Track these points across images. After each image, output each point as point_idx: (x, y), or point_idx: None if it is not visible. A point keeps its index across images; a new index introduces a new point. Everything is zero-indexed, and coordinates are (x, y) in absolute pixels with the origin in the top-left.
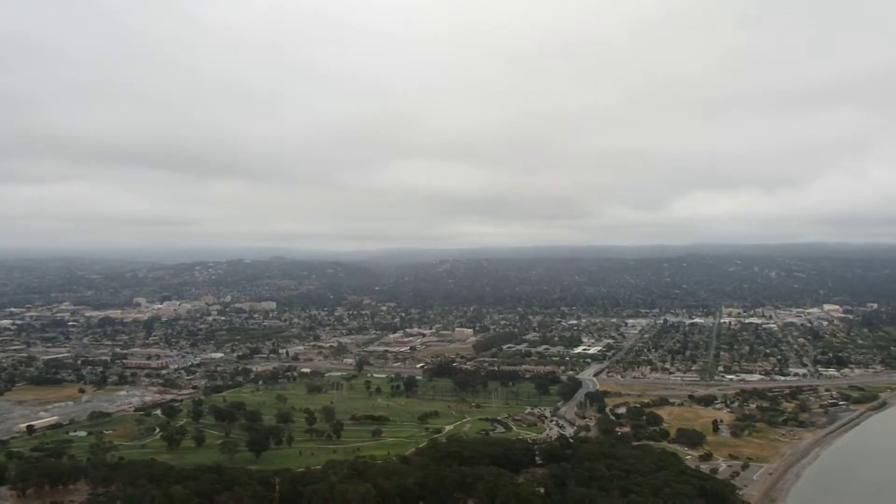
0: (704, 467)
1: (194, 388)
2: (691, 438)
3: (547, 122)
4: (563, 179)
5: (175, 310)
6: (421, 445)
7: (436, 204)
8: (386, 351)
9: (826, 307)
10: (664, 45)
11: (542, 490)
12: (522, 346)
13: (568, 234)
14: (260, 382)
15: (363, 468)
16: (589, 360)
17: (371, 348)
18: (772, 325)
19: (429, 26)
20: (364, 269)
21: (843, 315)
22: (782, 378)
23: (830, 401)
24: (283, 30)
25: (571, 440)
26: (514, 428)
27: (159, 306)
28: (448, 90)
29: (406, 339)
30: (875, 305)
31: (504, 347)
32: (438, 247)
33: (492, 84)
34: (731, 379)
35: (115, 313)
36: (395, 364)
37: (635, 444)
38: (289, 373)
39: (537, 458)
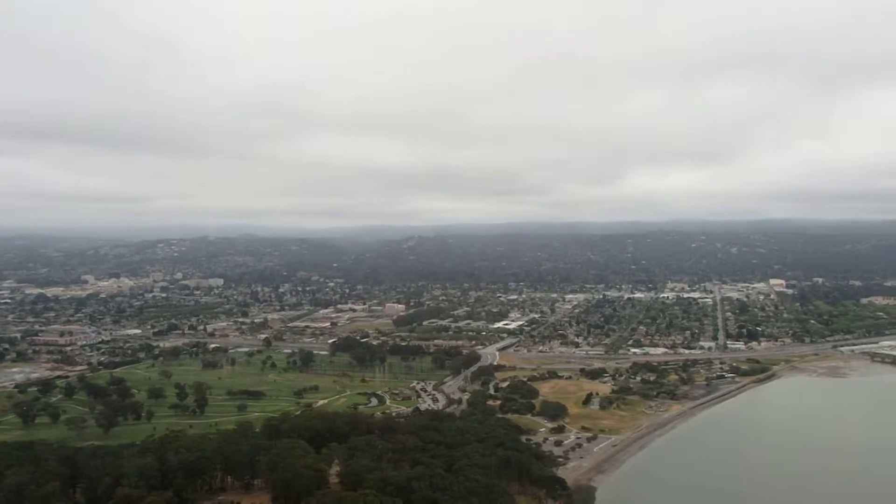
0: (553, 439)
1: (89, 364)
2: (554, 411)
3: (457, 93)
4: (500, 153)
5: (118, 287)
6: (248, 420)
7: (380, 179)
8: (307, 327)
9: (772, 282)
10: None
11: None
12: (446, 321)
13: (538, 210)
14: (160, 358)
15: (169, 441)
16: (505, 334)
17: (294, 324)
18: (707, 300)
19: None
20: (329, 246)
21: (784, 290)
22: (687, 352)
23: (718, 374)
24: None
25: (421, 413)
26: (388, 401)
27: (104, 283)
28: (337, 59)
29: (335, 315)
30: (821, 280)
31: (425, 323)
32: (412, 223)
33: (385, 53)
34: (635, 353)
35: (55, 290)
36: (308, 340)
37: (499, 416)
38: (195, 349)
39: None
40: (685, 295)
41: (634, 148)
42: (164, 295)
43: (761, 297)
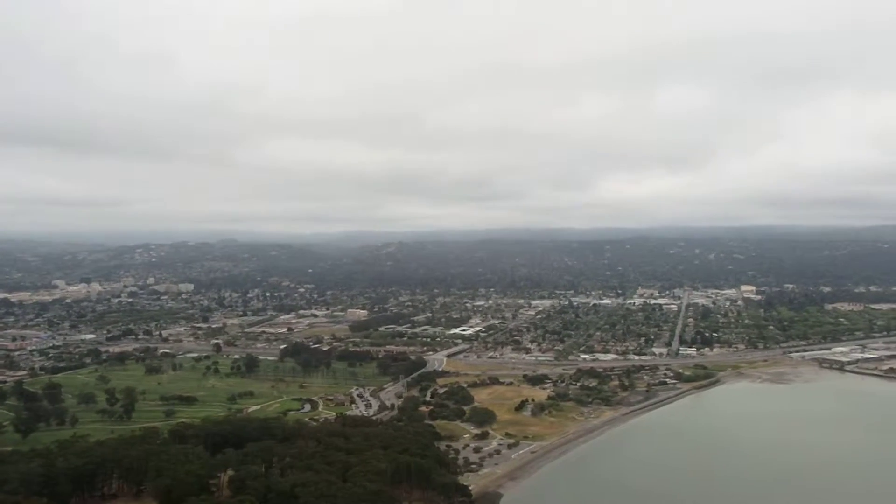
0: (473, 445)
1: (31, 369)
2: (482, 418)
3: (408, 97)
4: (466, 158)
5: (87, 292)
6: (157, 425)
7: (351, 184)
8: (263, 332)
9: (743, 288)
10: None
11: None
12: (404, 327)
13: (520, 216)
14: (105, 364)
15: (63, 447)
16: (460, 340)
17: (252, 329)
18: (673, 306)
19: None
20: (308, 252)
21: (752, 296)
22: (638, 358)
23: (661, 380)
24: None
25: (344, 419)
26: (321, 407)
27: (73, 288)
28: (275, 61)
29: (295, 321)
30: (792, 286)
31: (381, 328)
32: (393, 229)
33: (320, 55)
34: (584, 359)
35: (22, 295)
36: (261, 345)
37: (427, 422)
38: (143, 354)
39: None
40: (653, 301)
41: (602, 154)
42: (130, 300)
43: (728, 303)
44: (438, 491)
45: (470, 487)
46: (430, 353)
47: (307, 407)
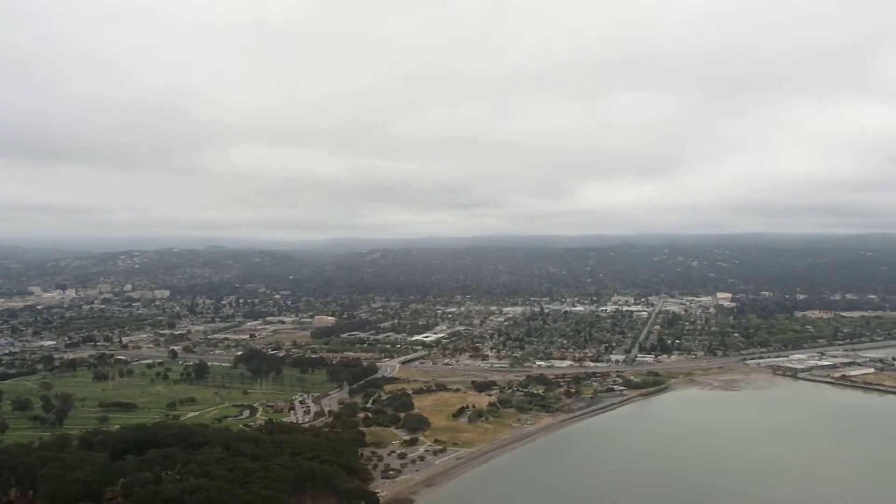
0: (399, 452)
1: None
2: (416, 424)
3: (354, 104)
4: (435, 167)
5: (60, 298)
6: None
7: (324, 192)
8: (225, 338)
9: (719, 295)
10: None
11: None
12: (367, 333)
13: (507, 224)
14: (56, 370)
15: None
16: (419, 346)
17: (215, 336)
18: (643, 313)
19: None
20: (292, 259)
21: (727, 303)
22: (593, 364)
23: (608, 387)
24: None
25: (271, 425)
26: (259, 413)
27: (48, 295)
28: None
29: (261, 327)
30: (769, 293)
31: (343, 335)
32: (381, 236)
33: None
34: (539, 365)
35: None
36: (219, 352)
37: (360, 429)
38: (97, 360)
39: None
40: (625, 308)
41: (573, 162)
42: (102, 307)
43: (700, 311)
44: (341, 497)
45: (382, 494)
46: (387, 359)
47: (246, 413)
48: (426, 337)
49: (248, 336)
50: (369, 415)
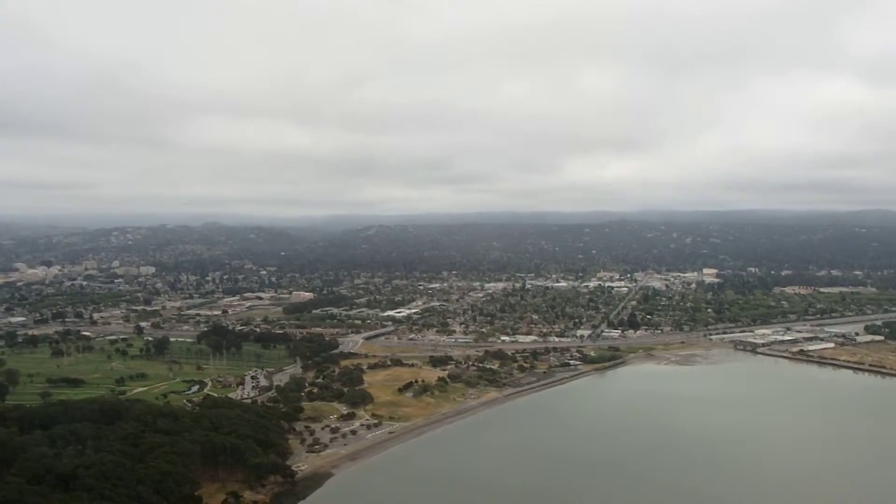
0: (333, 426)
1: None
2: (358, 398)
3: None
4: (417, 142)
5: (44, 275)
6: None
7: (304, 167)
8: (197, 314)
9: (705, 271)
10: None
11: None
12: (341, 309)
13: (505, 200)
14: (16, 347)
15: None
16: (389, 322)
17: (188, 312)
18: (624, 289)
19: None
20: (286, 235)
21: (711, 279)
22: (557, 339)
23: (564, 361)
24: None
25: (206, 400)
26: (208, 388)
27: (32, 271)
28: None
29: (237, 303)
30: (756, 270)
31: (315, 311)
32: (379, 213)
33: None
34: (503, 340)
35: None
36: (187, 328)
37: (304, 403)
38: (64, 336)
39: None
40: (607, 284)
41: (558, 136)
42: (84, 283)
43: (681, 286)
44: (250, 471)
45: (302, 468)
46: (353, 334)
47: (195, 388)
48: (398, 312)
49: (220, 312)
50: (314, 389)
